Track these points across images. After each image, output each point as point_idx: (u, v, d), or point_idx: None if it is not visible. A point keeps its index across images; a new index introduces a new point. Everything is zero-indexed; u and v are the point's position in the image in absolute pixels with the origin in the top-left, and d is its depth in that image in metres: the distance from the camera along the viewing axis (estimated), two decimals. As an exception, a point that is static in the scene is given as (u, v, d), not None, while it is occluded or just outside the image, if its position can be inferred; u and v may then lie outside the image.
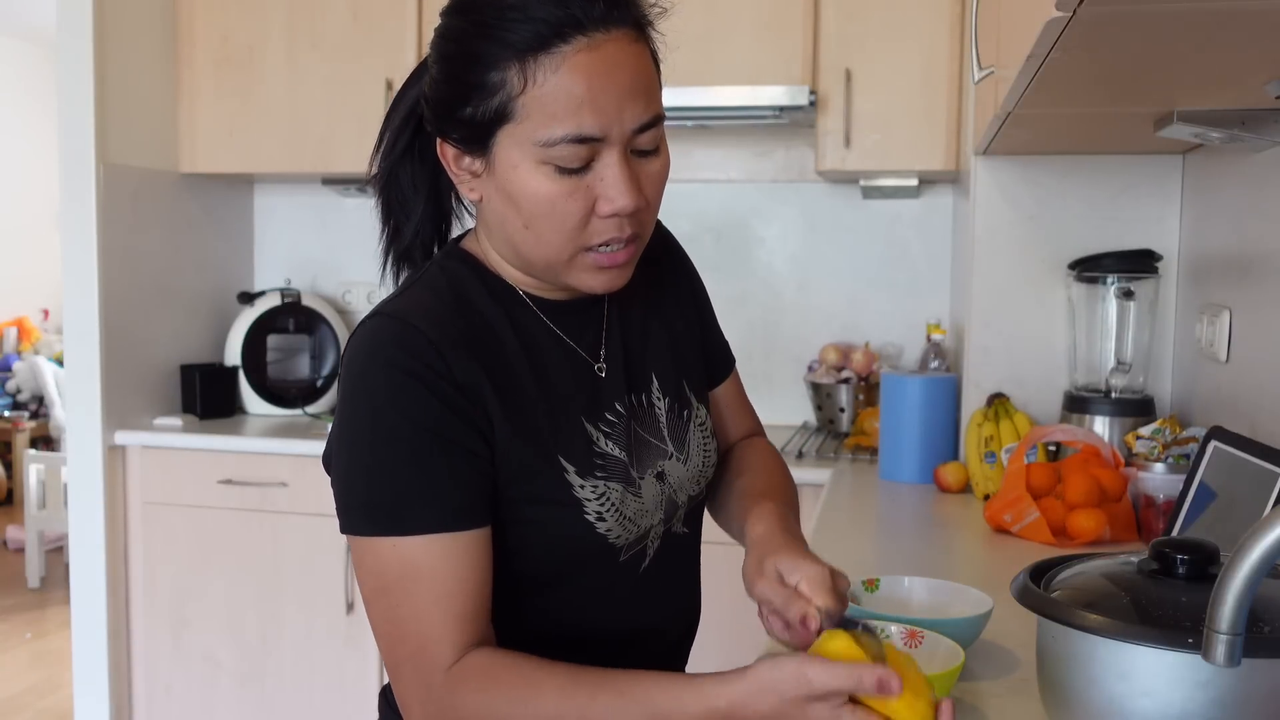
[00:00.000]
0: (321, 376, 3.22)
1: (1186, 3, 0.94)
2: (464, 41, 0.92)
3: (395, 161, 1.05)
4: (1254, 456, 1.43)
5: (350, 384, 0.95)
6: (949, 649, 1.10)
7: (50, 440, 6.09)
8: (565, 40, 0.88)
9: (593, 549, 0.99)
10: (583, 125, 0.89)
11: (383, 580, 0.91)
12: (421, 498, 0.91)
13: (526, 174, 0.92)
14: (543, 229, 0.94)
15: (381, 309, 0.98)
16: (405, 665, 0.91)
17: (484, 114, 0.91)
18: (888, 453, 2.35)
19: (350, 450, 0.94)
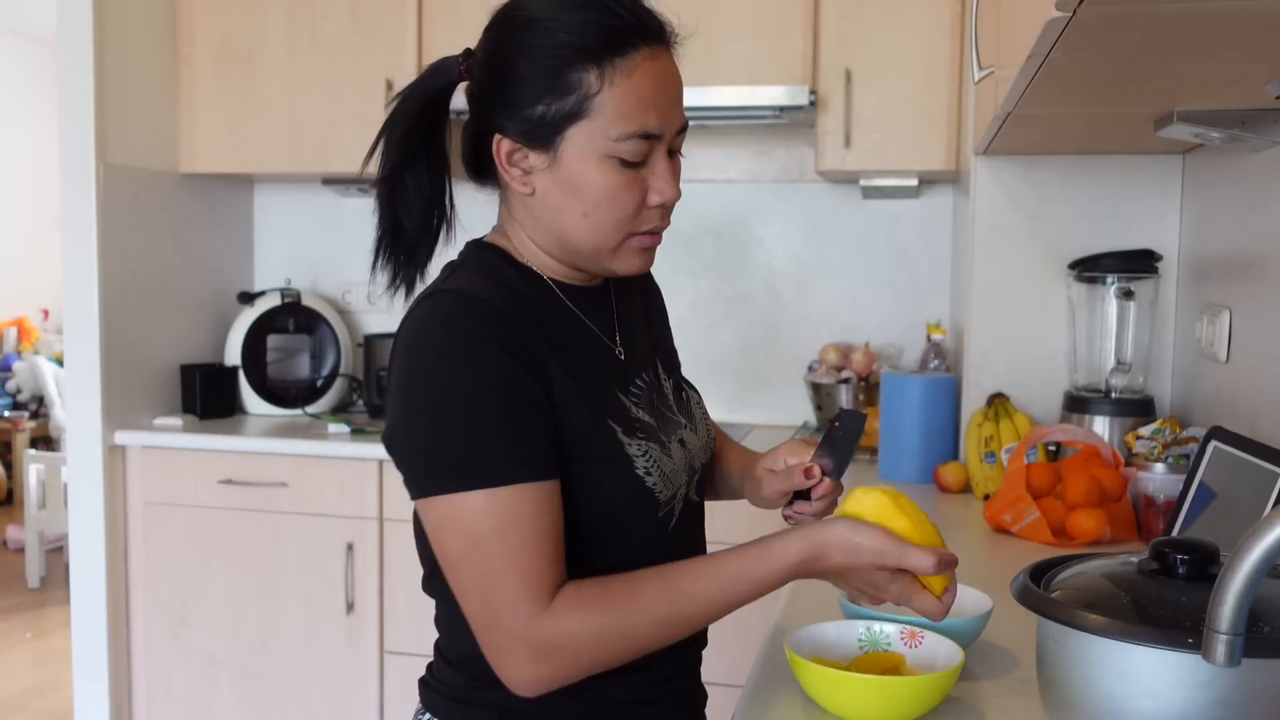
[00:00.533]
0: (321, 376, 3.22)
1: (1186, 3, 0.94)
2: (541, 47, 1.00)
3: (404, 162, 1.12)
4: (1254, 457, 1.43)
5: (420, 356, 1.01)
6: (949, 649, 1.10)
7: (50, 440, 6.09)
8: (636, 49, 1.00)
9: (642, 504, 1.07)
10: (648, 123, 1.01)
11: (475, 534, 0.96)
12: (509, 451, 0.97)
13: (594, 167, 1.02)
14: (603, 216, 1.04)
15: (437, 288, 1.06)
16: (504, 615, 0.95)
17: (557, 112, 1.01)
18: (888, 453, 2.35)
19: (429, 416, 0.98)
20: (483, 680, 1.04)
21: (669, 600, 0.98)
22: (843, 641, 1.16)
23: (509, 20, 1.04)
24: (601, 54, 0.99)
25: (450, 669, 1.11)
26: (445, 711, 1.11)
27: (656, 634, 0.99)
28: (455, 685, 1.10)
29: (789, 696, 1.11)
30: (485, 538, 0.96)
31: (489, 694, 1.05)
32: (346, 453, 2.72)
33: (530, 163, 1.05)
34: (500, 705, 1.06)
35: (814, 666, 1.05)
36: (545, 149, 1.03)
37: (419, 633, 2.72)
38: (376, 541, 2.72)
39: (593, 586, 0.98)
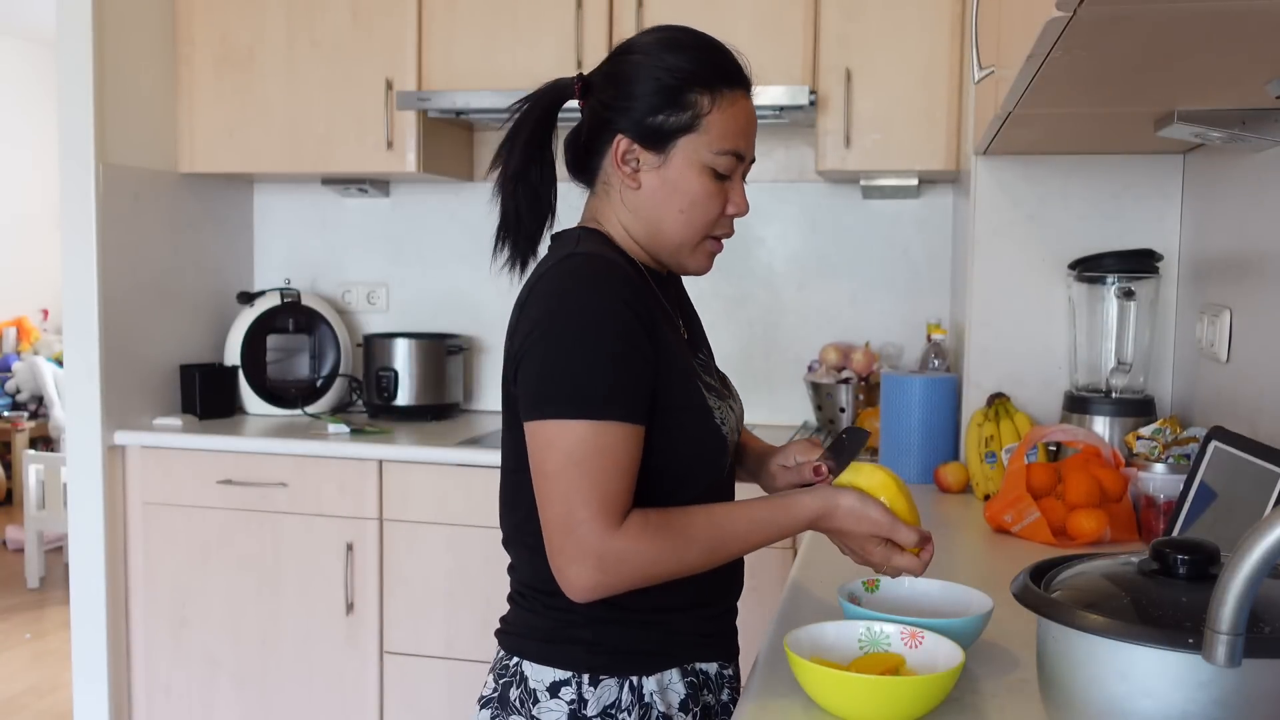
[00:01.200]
0: (321, 376, 3.22)
1: (1186, 3, 0.94)
2: (671, 70, 1.24)
3: (527, 162, 1.31)
4: (1254, 457, 1.43)
5: (561, 301, 1.19)
6: (949, 649, 1.10)
7: (50, 440, 6.09)
8: (740, 86, 1.28)
9: (718, 449, 1.28)
10: (739, 145, 1.27)
11: (575, 455, 1.14)
12: (620, 393, 1.16)
13: (695, 173, 1.26)
14: (694, 215, 1.27)
15: (573, 251, 1.24)
16: (582, 526, 1.13)
17: (674, 123, 1.24)
18: (888, 453, 2.35)
19: (560, 353, 1.17)
20: (568, 619, 1.23)
21: (712, 534, 1.17)
22: (843, 641, 1.16)
23: (648, 47, 1.27)
24: (716, 84, 1.25)
25: (534, 615, 1.27)
26: (537, 653, 1.26)
27: (699, 561, 1.17)
28: (542, 628, 1.26)
29: (789, 696, 1.11)
30: (582, 460, 1.13)
31: (577, 631, 1.24)
32: (346, 453, 2.72)
33: (642, 162, 1.26)
34: (588, 640, 1.24)
35: (814, 666, 1.05)
36: (658, 152, 1.25)
37: (419, 633, 2.72)
38: (376, 541, 2.72)
39: (656, 515, 1.16)
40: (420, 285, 3.35)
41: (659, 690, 1.26)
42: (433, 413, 3.10)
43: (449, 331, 3.28)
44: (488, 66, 2.84)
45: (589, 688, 1.24)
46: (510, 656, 1.29)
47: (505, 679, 1.29)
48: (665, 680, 1.27)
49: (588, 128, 1.30)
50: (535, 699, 1.25)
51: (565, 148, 1.34)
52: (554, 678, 1.25)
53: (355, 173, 3.07)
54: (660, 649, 1.27)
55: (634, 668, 1.25)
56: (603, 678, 1.24)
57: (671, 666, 1.27)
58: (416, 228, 3.34)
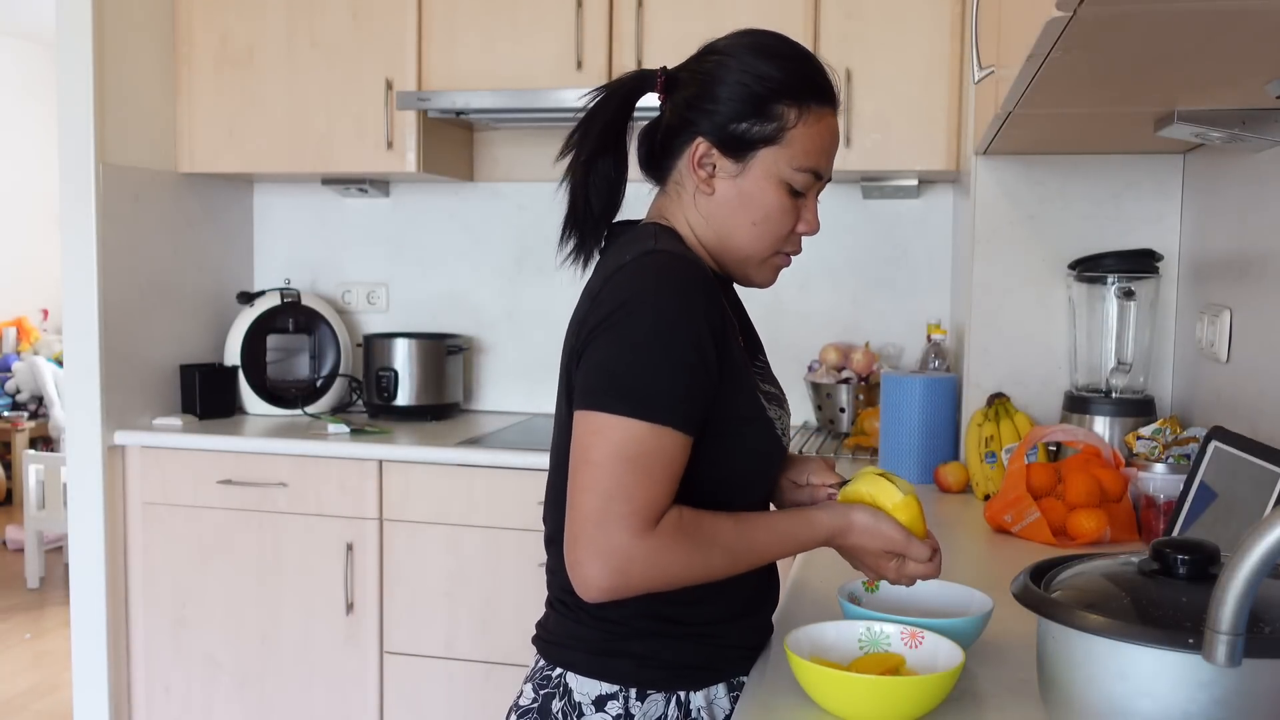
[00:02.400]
0: (321, 376, 3.22)
1: (1186, 3, 0.94)
2: (762, 79, 1.20)
3: (599, 150, 1.26)
4: (1254, 457, 1.43)
5: (638, 296, 1.14)
6: (949, 649, 1.10)
7: (50, 440, 6.09)
8: (828, 105, 1.24)
9: (775, 456, 1.27)
10: (820, 165, 1.24)
11: (623, 452, 1.10)
12: (683, 403, 1.12)
13: (772, 186, 1.23)
14: (765, 229, 1.24)
15: (658, 248, 1.19)
16: (614, 523, 1.09)
17: (758, 133, 1.21)
18: (888, 453, 2.35)
19: (631, 345, 1.13)
20: (617, 631, 1.21)
21: (738, 543, 1.15)
22: (843, 641, 1.16)
23: (738, 50, 1.24)
24: (805, 98, 1.21)
25: (580, 625, 1.23)
26: (583, 664, 1.23)
27: (722, 568, 1.15)
28: (590, 639, 1.23)
29: (789, 696, 1.11)
30: (632, 458, 1.10)
31: (626, 644, 1.21)
32: (346, 453, 2.72)
33: (719, 168, 1.23)
34: (638, 654, 1.21)
35: (814, 666, 1.05)
36: (736, 160, 1.22)
37: (419, 633, 2.72)
38: (376, 541, 2.72)
39: (690, 518, 1.13)
40: (420, 285, 3.35)
41: (706, 705, 1.23)
42: (433, 413, 3.10)
43: (449, 331, 3.28)
44: (488, 66, 2.84)
45: (636, 702, 1.21)
46: (552, 667, 1.25)
47: (547, 690, 1.25)
48: (712, 695, 1.25)
49: (666, 125, 1.26)
50: (580, 712, 1.22)
51: (639, 142, 1.29)
52: (600, 691, 1.22)
53: (355, 173, 3.07)
54: (708, 663, 1.24)
55: (683, 683, 1.23)
56: (650, 693, 1.22)
57: (718, 681, 1.25)
58: (416, 228, 3.34)
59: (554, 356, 3.61)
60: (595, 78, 2.77)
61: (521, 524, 2.61)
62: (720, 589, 1.21)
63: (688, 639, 1.22)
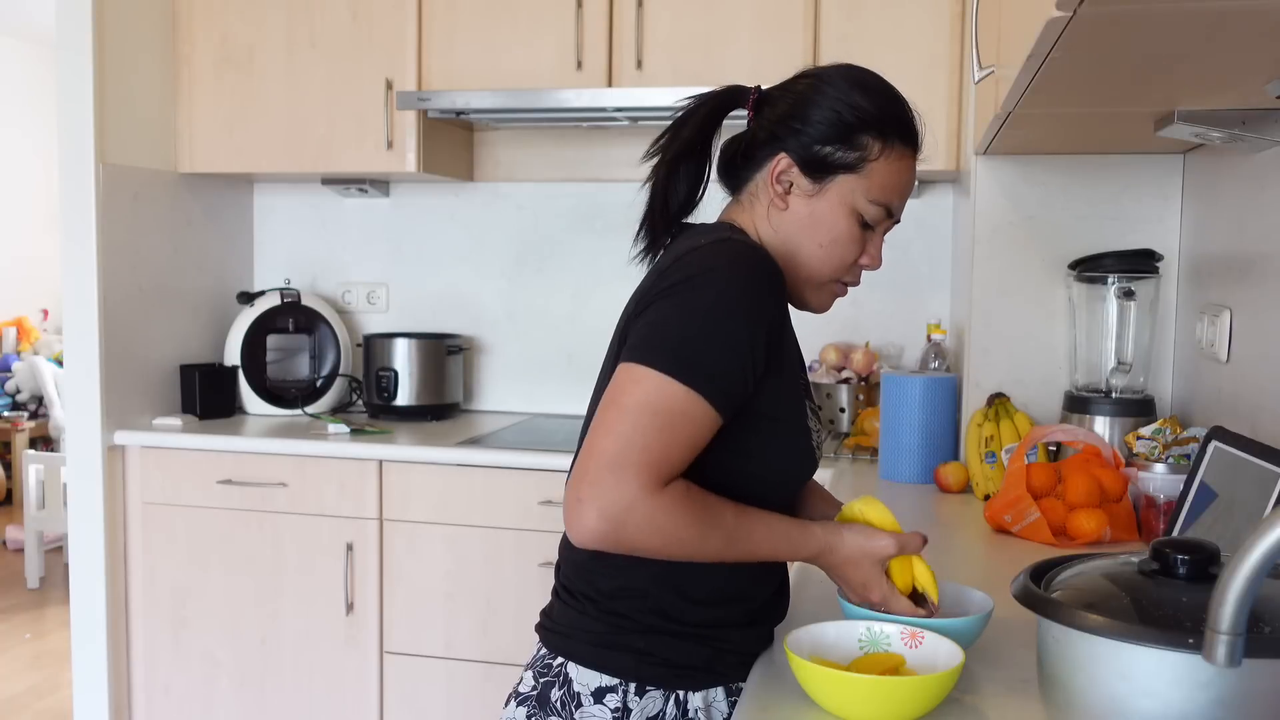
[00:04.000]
0: (321, 376, 3.22)
1: (1186, 3, 0.94)
2: (854, 108, 1.24)
3: (683, 154, 1.30)
4: (1254, 457, 1.43)
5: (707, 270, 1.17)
6: (949, 649, 1.10)
7: (50, 440, 6.09)
8: (910, 145, 1.28)
9: (807, 464, 1.29)
10: (893, 202, 1.28)
11: (654, 406, 1.11)
12: (718, 374, 1.13)
13: (844, 213, 1.26)
14: (831, 254, 1.28)
15: (734, 238, 1.24)
16: (627, 470, 1.09)
17: (840, 158, 1.24)
18: (888, 453, 2.35)
19: (687, 310, 1.15)
20: (622, 625, 1.22)
21: (736, 528, 1.16)
22: (843, 641, 1.16)
23: (835, 79, 1.27)
24: (891, 135, 1.25)
25: (585, 617, 1.25)
26: (584, 655, 1.24)
27: (715, 550, 1.15)
28: (594, 631, 1.24)
29: (789, 696, 1.11)
30: (660, 413, 1.11)
31: (630, 638, 1.22)
32: (346, 453, 2.72)
33: (796, 186, 1.26)
34: (640, 649, 1.22)
35: (814, 666, 1.05)
36: (815, 181, 1.25)
37: (419, 633, 2.72)
38: (376, 542, 2.72)
39: (697, 494, 1.13)
40: (420, 285, 3.35)
41: (704, 707, 1.24)
42: (433, 413, 3.10)
43: (449, 331, 3.28)
44: (488, 66, 2.84)
45: (634, 697, 1.23)
46: (554, 656, 1.27)
47: (547, 678, 1.27)
48: (711, 698, 1.25)
49: (751, 138, 1.29)
50: (579, 703, 1.23)
51: (722, 150, 1.33)
52: (600, 683, 1.23)
53: (355, 173, 3.07)
54: (709, 666, 1.25)
55: (682, 682, 1.24)
56: (649, 689, 1.23)
57: (718, 684, 1.26)
58: (416, 228, 3.34)
59: (554, 356, 3.61)
60: (595, 78, 2.77)
61: (521, 524, 2.61)
62: (730, 595, 1.24)
63: (690, 639, 1.23)
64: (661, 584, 1.21)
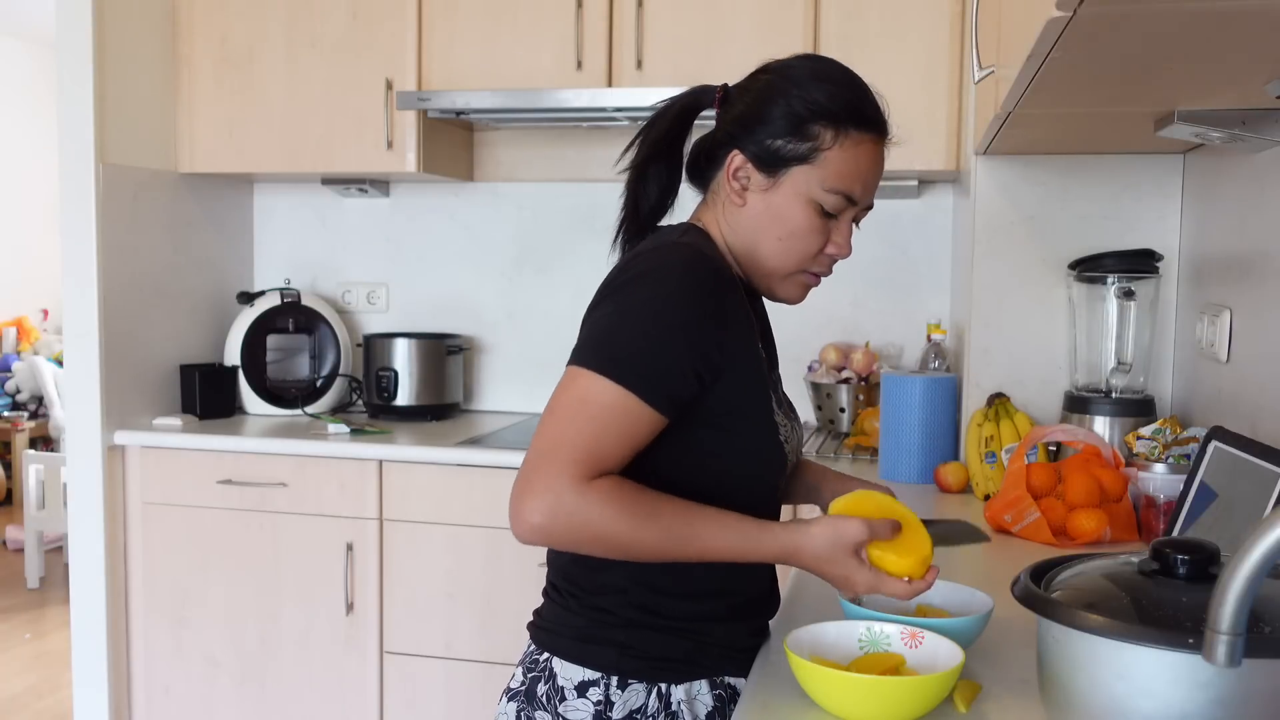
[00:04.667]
0: (321, 376, 3.22)
1: (1186, 3, 0.94)
2: (803, 99, 1.24)
3: (651, 158, 1.33)
4: (1254, 457, 1.43)
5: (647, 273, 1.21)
6: (949, 649, 1.10)
7: (50, 440, 6.09)
8: (868, 130, 1.26)
9: (776, 464, 1.28)
10: (853, 189, 1.25)
11: (585, 403, 1.15)
12: (649, 368, 1.15)
13: (800, 205, 1.25)
14: (791, 246, 1.27)
15: (680, 240, 1.25)
16: (555, 464, 1.13)
17: (792, 150, 1.24)
18: (888, 453, 2.35)
19: (621, 312, 1.19)
20: (604, 620, 1.25)
21: (676, 523, 1.15)
22: (843, 641, 1.16)
23: (790, 72, 1.27)
24: (844, 122, 1.24)
25: (569, 613, 1.28)
26: (567, 649, 1.27)
27: (654, 544, 1.14)
28: (577, 626, 1.27)
29: (789, 696, 1.11)
30: (589, 409, 1.14)
31: (611, 632, 1.25)
32: (346, 453, 2.72)
33: (752, 182, 1.26)
34: (621, 642, 1.24)
35: (814, 666, 1.05)
36: (769, 175, 1.25)
37: (419, 633, 2.72)
38: (376, 541, 2.72)
39: (631, 486, 1.14)
40: (420, 285, 3.35)
41: (687, 700, 1.26)
42: (433, 413, 3.10)
43: (449, 331, 3.28)
44: (488, 66, 2.84)
45: (617, 690, 1.24)
46: (541, 651, 1.30)
47: (534, 674, 1.30)
48: (694, 690, 1.26)
49: (713, 137, 1.31)
50: (562, 697, 1.26)
51: (691, 150, 1.35)
52: (583, 677, 1.25)
53: (355, 173, 3.07)
54: (691, 658, 1.26)
55: (664, 675, 1.25)
56: (631, 682, 1.25)
57: (701, 677, 1.27)
58: (416, 228, 3.34)
59: (554, 356, 3.61)
60: (595, 78, 2.77)
61: (521, 524, 2.61)
62: (710, 590, 1.25)
63: (671, 633, 1.25)
64: (640, 579, 1.23)
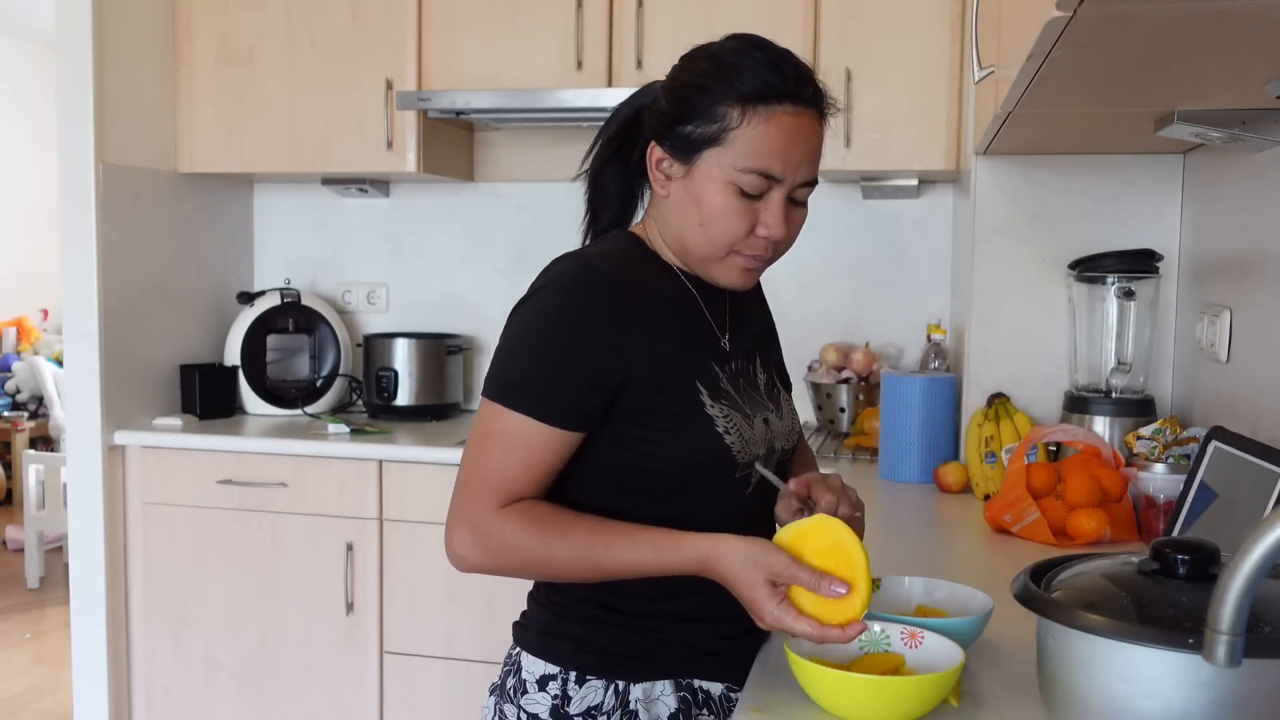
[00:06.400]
0: (321, 376, 3.22)
1: (1186, 3, 0.94)
2: (704, 78, 1.21)
3: (605, 163, 1.34)
4: (1254, 457, 1.43)
5: (531, 296, 1.22)
6: (949, 649, 1.10)
7: (50, 440, 6.09)
8: (780, 102, 1.19)
9: (720, 459, 1.24)
10: (770, 167, 1.19)
11: (489, 432, 1.19)
12: (535, 389, 1.18)
13: (716, 188, 1.20)
14: (712, 230, 1.22)
15: (572, 253, 1.26)
16: (470, 495, 1.19)
17: (701, 133, 1.20)
18: (888, 453, 2.35)
19: (510, 336, 1.22)
20: (563, 614, 1.27)
21: (587, 541, 1.16)
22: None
23: (696, 56, 1.26)
24: (749, 99, 1.18)
25: (539, 608, 1.31)
26: (531, 644, 1.29)
27: (568, 562, 1.17)
28: (541, 620, 1.30)
29: (789, 696, 1.11)
30: (493, 439, 1.19)
31: (569, 626, 1.26)
32: (346, 453, 2.72)
33: (671, 171, 1.24)
34: (578, 637, 1.26)
35: (814, 666, 1.05)
36: (684, 162, 1.23)
37: (419, 633, 2.72)
38: (376, 542, 2.72)
39: (543, 508, 1.19)
40: (420, 285, 3.35)
41: (645, 700, 1.25)
42: (433, 413, 3.10)
43: (449, 331, 3.28)
44: (488, 66, 2.84)
45: (574, 685, 1.25)
46: (515, 646, 1.32)
47: (506, 667, 1.32)
48: (655, 691, 1.25)
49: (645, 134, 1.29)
50: (524, 690, 1.27)
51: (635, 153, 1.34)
52: (544, 671, 1.27)
53: (355, 173, 3.07)
54: (649, 657, 1.25)
55: (621, 672, 1.25)
56: (589, 678, 1.25)
57: (663, 678, 1.26)
58: (416, 228, 3.34)
59: (554, 356, 3.58)
60: (595, 78, 2.77)
61: (521, 524, 2.61)
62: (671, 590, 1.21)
63: (625, 629, 1.25)
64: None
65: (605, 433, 1.21)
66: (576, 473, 1.23)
